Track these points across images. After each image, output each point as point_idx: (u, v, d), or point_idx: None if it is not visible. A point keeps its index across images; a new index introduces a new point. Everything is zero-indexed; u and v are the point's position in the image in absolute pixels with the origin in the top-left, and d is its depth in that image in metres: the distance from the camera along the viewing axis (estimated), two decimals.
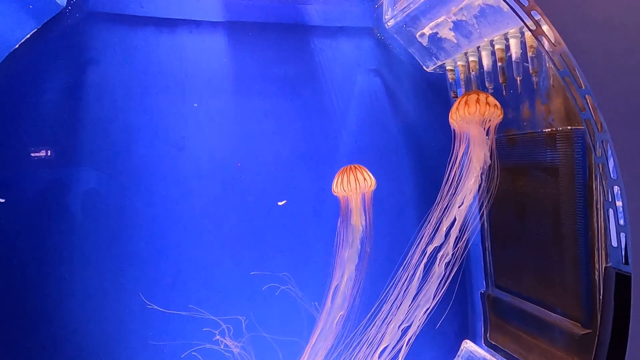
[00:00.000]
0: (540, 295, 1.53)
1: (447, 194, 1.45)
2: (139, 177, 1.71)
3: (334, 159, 1.92)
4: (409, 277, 1.48)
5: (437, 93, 1.94)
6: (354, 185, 1.39)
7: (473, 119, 1.27)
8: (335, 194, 1.48)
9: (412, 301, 1.48)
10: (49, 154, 1.63)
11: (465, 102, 1.28)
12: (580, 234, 1.33)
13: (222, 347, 1.61)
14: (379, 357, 1.43)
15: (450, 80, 1.76)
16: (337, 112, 1.93)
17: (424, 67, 1.86)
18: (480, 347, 1.84)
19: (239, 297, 1.76)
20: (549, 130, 1.44)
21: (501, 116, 1.30)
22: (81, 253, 1.63)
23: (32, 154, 1.61)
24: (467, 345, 1.89)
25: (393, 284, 1.51)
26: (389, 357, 1.47)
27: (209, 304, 1.69)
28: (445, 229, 1.43)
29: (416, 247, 1.50)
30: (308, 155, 1.88)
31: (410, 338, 1.48)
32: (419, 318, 1.53)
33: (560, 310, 1.43)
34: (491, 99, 1.28)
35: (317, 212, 1.86)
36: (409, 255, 1.51)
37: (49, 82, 1.60)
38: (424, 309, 1.49)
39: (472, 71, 1.59)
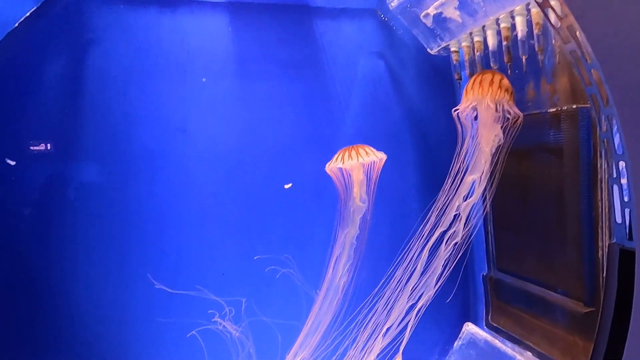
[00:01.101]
0: (542, 276, 1.53)
1: (454, 179, 1.45)
2: (140, 159, 1.71)
3: (336, 143, 1.89)
4: (411, 262, 1.48)
5: (441, 76, 1.93)
6: (356, 159, 1.38)
7: (485, 101, 1.26)
8: (333, 171, 1.47)
9: (413, 286, 1.49)
10: (49, 137, 1.62)
11: (480, 84, 1.26)
12: (584, 214, 1.33)
13: (222, 328, 1.63)
14: (382, 339, 1.44)
15: (455, 62, 1.74)
16: (339, 96, 1.92)
17: (428, 50, 1.84)
18: (482, 329, 1.85)
19: (240, 279, 1.76)
20: (554, 110, 1.43)
21: (511, 102, 1.29)
22: (84, 236, 1.64)
23: (32, 145, 1.59)
24: (469, 327, 1.90)
25: (394, 268, 1.51)
26: (390, 341, 1.48)
27: (212, 286, 1.70)
28: (452, 213, 1.43)
29: (419, 232, 1.50)
30: (310, 139, 1.88)
31: (411, 322, 1.49)
32: (421, 302, 1.54)
33: (562, 290, 1.43)
34: (505, 82, 1.27)
35: (319, 196, 1.86)
36: (411, 240, 1.52)
37: (48, 62, 1.59)
38: (426, 293, 1.50)
39: (477, 52, 1.57)
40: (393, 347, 1.40)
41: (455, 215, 1.42)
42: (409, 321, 1.43)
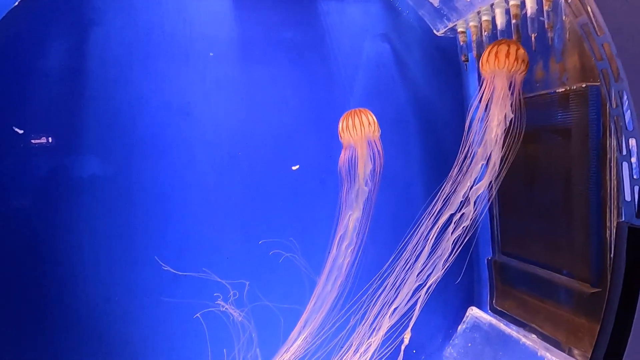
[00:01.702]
0: (548, 258, 1.52)
1: (462, 162, 1.43)
2: (144, 143, 1.69)
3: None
4: (415, 248, 1.48)
5: (447, 59, 1.90)
6: (359, 130, 1.36)
7: (500, 73, 1.23)
8: (341, 140, 1.46)
9: (419, 268, 1.48)
10: (50, 120, 1.61)
11: (495, 55, 1.23)
12: (592, 194, 1.31)
13: (226, 310, 1.63)
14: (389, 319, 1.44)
15: (462, 43, 1.72)
16: (344, 79, 1.90)
17: (434, 31, 1.81)
18: (486, 313, 1.85)
19: (244, 263, 1.76)
20: (563, 90, 1.40)
21: (524, 73, 1.27)
22: (89, 219, 1.64)
23: (32, 140, 1.58)
24: (473, 311, 1.90)
25: (399, 251, 1.51)
26: (395, 321, 1.48)
27: (216, 270, 1.70)
28: (459, 198, 1.42)
29: (425, 216, 1.50)
30: (314, 123, 1.86)
31: (421, 300, 1.49)
32: (428, 283, 1.53)
33: (568, 272, 1.43)
34: (521, 52, 1.24)
35: (324, 180, 1.85)
36: (416, 225, 1.51)
37: (49, 42, 1.57)
38: (430, 278, 1.50)
39: (485, 32, 1.55)
40: (399, 328, 1.40)
41: (462, 200, 1.41)
42: (416, 300, 1.42)
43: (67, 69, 1.61)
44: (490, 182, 1.43)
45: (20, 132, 1.54)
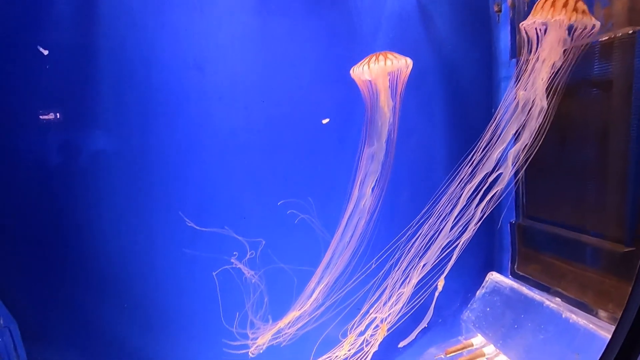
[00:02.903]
0: (577, 220, 1.46)
1: (496, 120, 1.36)
2: (158, 100, 1.65)
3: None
4: (440, 210, 1.43)
5: (476, 11, 1.78)
6: (383, 64, 1.29)
7: (554, 23, 1.13)
8: (360, 79, 1.39)
9: (439, 234, 1.44)
10: (63, 75, 1.57)
11: (552, 4, 1.13)
12: (632, 150, 1.23)
13: (241, 267, 1.63)
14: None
15: None
16: (365, 33, 1.80)
17: None
18: (507, 277, 1.81)
19: (261, 221, 1.74)
20: (606, 38, 1.30)
21: (582, 25, 1.16)
22: (109, 180, 1.62)
23: (41, 116, 1.55)
24: (493, 276, 1.87)
25: (421, 217, 1.46)
26: (404, 298, 1.46)
27: (233, 228, 1.68)
28: (497, 155, 1.35)
29: (449, 180, 1.44)
30: (333, 79, 1.78)
31: (435, 270, 1.46)
32: (444, 251, 1.50)
33: (599, 232, 1.37)
34: (580, 4, 1.14)
35: (342, 139, 1.79)
36: (438, 190, 1.46)
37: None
38: (452, 242, 1.46)
39: None
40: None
41: (502, 158, 1.35)
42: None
43: (78, 20, 1.56)
44: (527, 142, 1.36)
45: (46, 52, 1.49)
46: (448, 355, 1.69)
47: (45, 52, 1.49)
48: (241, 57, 1.69)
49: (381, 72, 1.31)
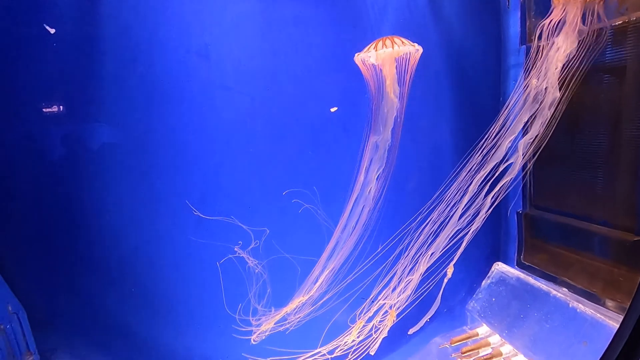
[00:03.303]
0: (586, 209, 1.44)
1: (507, 107, 1.33)
2: (162, 89, 1.63)
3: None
4: (447, 199, 1.42)
5: None
6: (390, 49, 1.27)
7: (575, 2, 1.09)
8: (365, 64, 1.37)
9: (447, 223, 1.43)
10: (69, 74, 1.55)
11: None
12: None
13: (246, 258, 1.63)
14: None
15: None
16: (371, 20, 1.77)
17: None
18: (513, 268, 1.80)
19: (266, 211, 1.74)
20: (620, 23, 1.26)
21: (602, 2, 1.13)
22: (114, 168, 1.62)
23: (44, 109, 1.53)
24: (499, 266, 1.85)
25: (428, 206, 1.45)
26: (412, 286, 1.45)
27: (238, 217, 1.68)
28: (506, 144, 1.33)
29: (456, 170, 1.43)
30: (339, 66, 1.75)
31: (443, 258, 1.46)
32: (452, 240, 1.49)
33: (608, 221, 1.35)
34: None
35: (347, 128, 1.77)
36: (446, 179, 1.44)
37: None
38: (460, 231, 1.45)
39: None
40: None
41: (513, 146, 1.33)
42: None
43: (81, 7, 1.54)
44: (538, 132, 1.33)
45: (52, 31, 1.48)
46: (453, 345, 1.69)
47: (52, 31, 1.47)
48: (246, 44, 1.67)
49: (388, 56, 1.28)
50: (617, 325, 1.00)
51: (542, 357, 1.40)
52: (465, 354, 1.61)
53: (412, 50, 1.30)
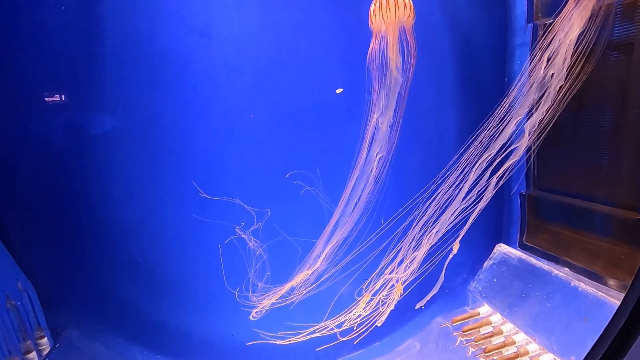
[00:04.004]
0: (590, 189, 1.44)
1: (519, 86, 1.31)
2: (164, 69, 1.63)
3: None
4: (450, 179, 1.42)
5: None
6: (394, 12, 1.25)
7: None
8: (371, 26, 1.36)
9: (449, 203, 1.43)
10: (70, 54, 1.55)
11: None
12: None
13: (247, 238, 1.65)
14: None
15: None
16: None
17: None
18: (515, 249, 1.80)
19: (267, 192, 1.74)
20: None
21: None
22: (118, 150, 1.63)
23: (46, 99, 1.53)
24: (501, 248, 1.86)
25: (429, 186, 1.45)
26: (416, 262, 1.46)
27: (240, 198, 1.70)
28: (512, 125, 1.32)
29: (460, 150, 1.42)
30: (342, 48, 1.74)
31: (440, 244, 1.46)
32: (451, 223, 1.49)
33: (612, 201, 1.35)
34: None
35: (350, 110, 1.76)
36: (451, 160, 1.44)
37: None
38: (463, 211, 1.45)
39: None
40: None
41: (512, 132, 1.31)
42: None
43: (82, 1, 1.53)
44: (545, 113, 1.32)
45: None
46: (454, 324, 1.71)
47: None
48: (248, 24, 1.65)
49: (392, 21, 1.26)
50: (619, 303, 1.00)
51: (543, 335, 1.42)
52: (467, 332, 1.63)
53: (410, 20, 1.28)
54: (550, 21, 1.33)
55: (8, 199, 1.56)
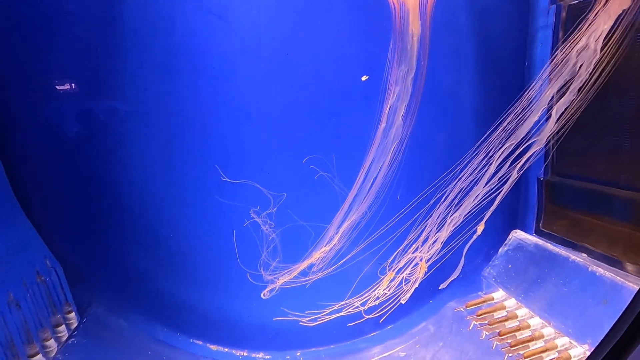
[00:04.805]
0: (611, 175, 1.42)
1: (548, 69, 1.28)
2: (180, 52, 1.63)
3: (387, 36, 1.75)
4: (469, 165, 1.41)
5: None
6: None
7: None
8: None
9: (468, 190, 1.43)
10: (92, 34, 1.57)
11: None
12: None
13: (260, 221, 1.67)
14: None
15: None
16: None
17: None
18: (531, 235, 1.80)
19: (283, 176, 1.76)
20: None
21: None
22: (137, 134, 1.66)
23: (57, 86, 1.55)
24: (517, 234, 1.86)
25: (451, 170, 1.45)
26: (430, 247, 1.47)
27: (256, 181, 1.72)
28: (540, 111, 1.30)
29: (484, 135, 1.41)
30: (359, 32, 1.72)
31: (460, 228, 1.47)
32: (468, 209, 1.49)
33: (633, 185, 1.33)
34: None
35: (368, 95, 1.76)
36: (471, 148, 1.43)
37: None
38: (477, 200, 1.45)
39: None
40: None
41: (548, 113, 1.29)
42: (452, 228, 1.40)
43: None
44: (571, 98, 1.29)
45: None
46: (468, 309, 1.72)
47: None
48: (265, 6, 1.65)
49: None
50: (637, 288, 1.00)
51: (558, 319, 1.42)
52: (481, 317, 1.65)
53: None
54: (575, 2, 1.30)
55: (37, 183, 1.61)
